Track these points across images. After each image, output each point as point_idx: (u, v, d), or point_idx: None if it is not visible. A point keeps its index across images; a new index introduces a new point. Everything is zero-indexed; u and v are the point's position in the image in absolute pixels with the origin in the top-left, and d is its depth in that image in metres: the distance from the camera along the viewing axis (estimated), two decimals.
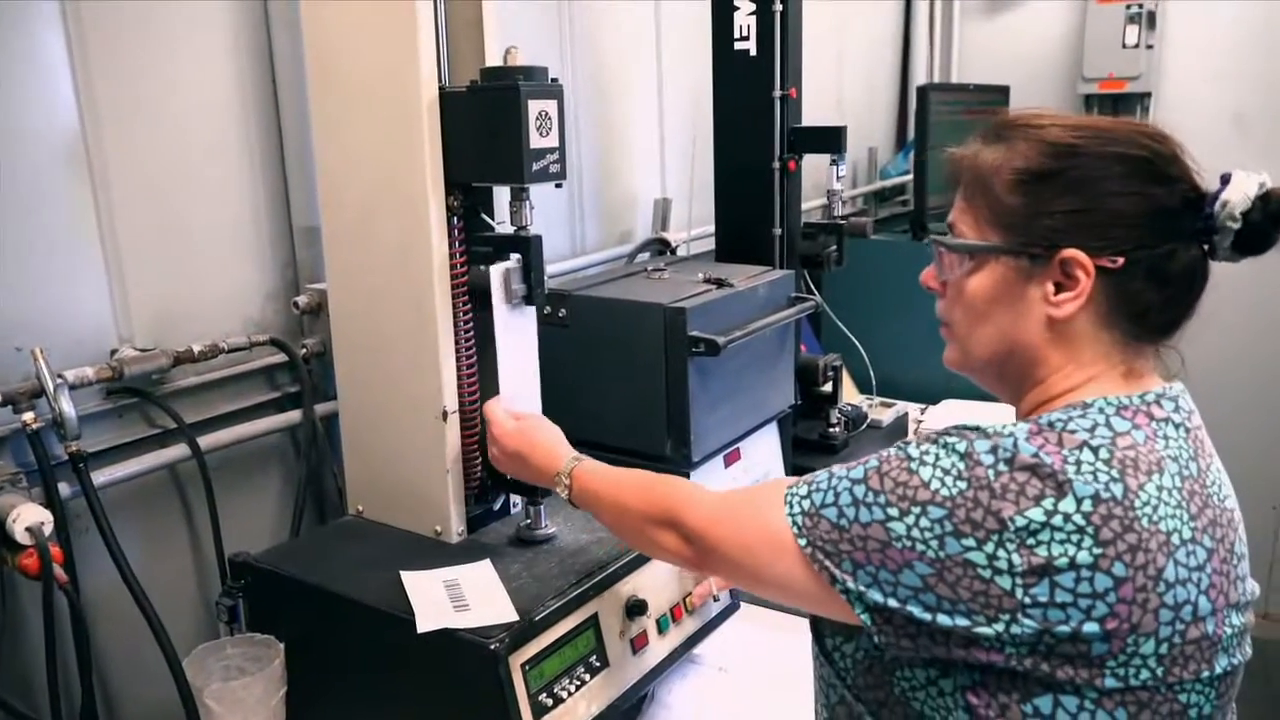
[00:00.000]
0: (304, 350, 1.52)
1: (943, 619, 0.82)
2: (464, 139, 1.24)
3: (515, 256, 1.26)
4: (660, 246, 2.28)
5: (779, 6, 2.01)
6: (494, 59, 1.30)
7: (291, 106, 1.50)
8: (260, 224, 1.52)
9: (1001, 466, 0.81)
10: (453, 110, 1.23)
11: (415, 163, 1.24)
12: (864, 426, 2.31)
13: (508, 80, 1.18)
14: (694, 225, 2.34)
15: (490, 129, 1.21)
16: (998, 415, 2.76)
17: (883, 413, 2.44)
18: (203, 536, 1.46)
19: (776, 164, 2.09)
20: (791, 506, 0.91)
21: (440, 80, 1.24)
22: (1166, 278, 0.87)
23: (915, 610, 0.83)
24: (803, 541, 0.89)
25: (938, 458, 0.84)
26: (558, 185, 1.26)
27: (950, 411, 2.63)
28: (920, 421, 2.58)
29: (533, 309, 1.28)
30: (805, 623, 1.63)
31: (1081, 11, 3.44)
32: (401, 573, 1.25)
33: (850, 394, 2.50)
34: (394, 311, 1.31)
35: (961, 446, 0.84)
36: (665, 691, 1.47)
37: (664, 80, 2.38)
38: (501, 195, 1.35)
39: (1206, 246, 0.88)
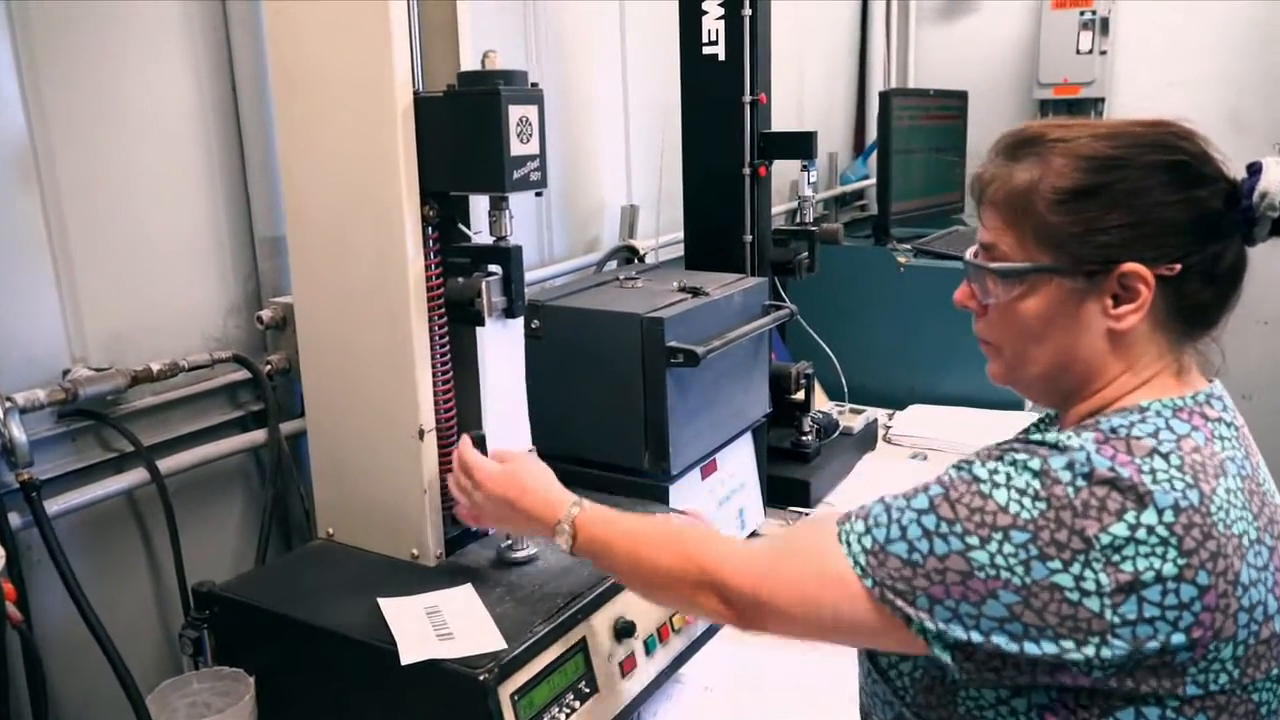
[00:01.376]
0: (268, 367, 1.45)
1: (1030, 647, 0.79)
2: (440, 146, 1.19)
3: (494, 268, 1.22)
4: (628, 254, 2.25)
5: (748, 10, 1.98)
6: (469, 63, 1.25)
7: (253, 112, 1.43)
8: (221, 235, 1.45)
9: (1080, 482, 0.79)
10: (428, 116, 1.18)
11: (389, 171, 1.19)
12: (836, 434, 2.29)
13: (487, 85, 1.13)
14: (662, 232, 2.30)
15: (469, 135, 1.16)
16: (966, 420, 2.74)
17: (853, 419, 2.43)
18: (163, 566, 1.39)
19: (747, 170, 2.06)
20: (850, 546, 0.86)
21: (414, 85, 1.19)
22: (1217, 275, 0.87)
23: (1001, 641, 0.80)
24: (869, 582, 0.84)
25: (1009, 477, 0.82)
26: (538, 194, 1.22)
27: (918, 416, 2.63)
28: (889, 427, 2.57)
29: (517, 322, 1.23)
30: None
31: (1036, 17, 3.48)
32: (379, 600, 1.19)
33: (819, 401, 2.49)
34: (367, 326, 1.26)
35: (1035, 464, 0.81)
36: (650, 714, 1.43)
37: (630, 86, 2.35)
38: (478, 204, 1.31)
39: (1242, 236, 0.87)
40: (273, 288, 1.49)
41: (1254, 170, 0.85)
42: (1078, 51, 3.32)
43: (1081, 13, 3.32)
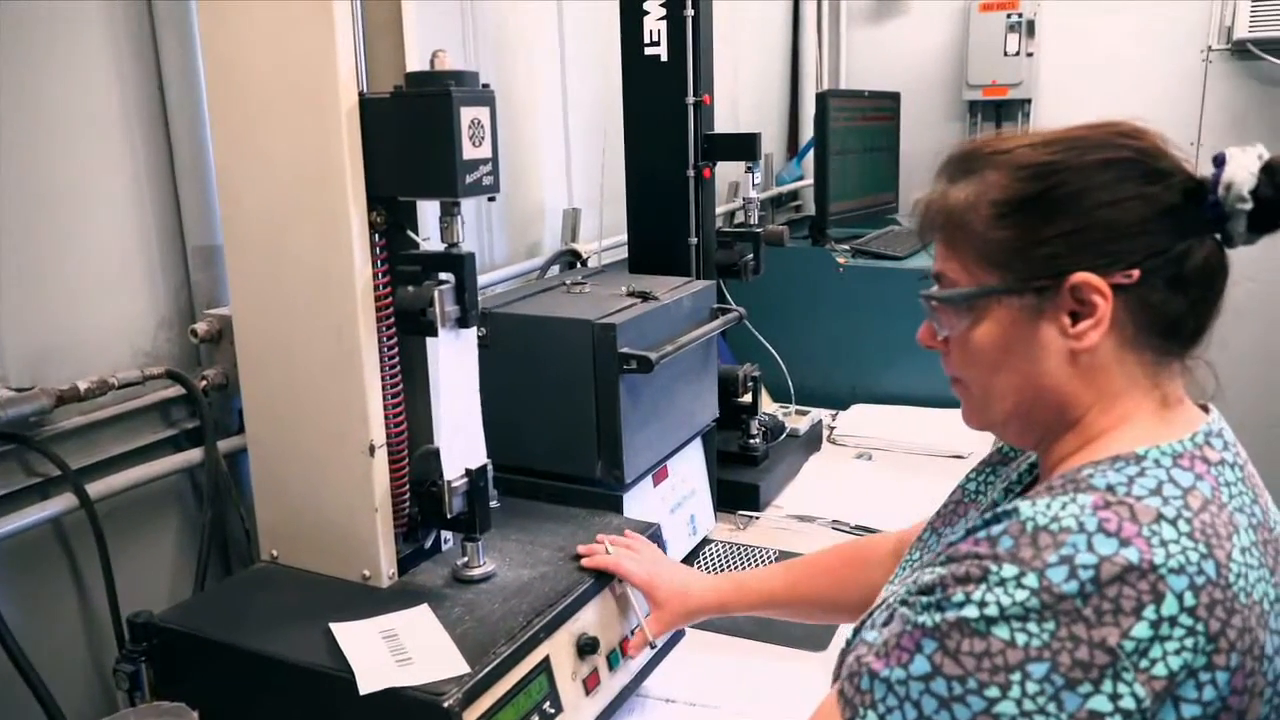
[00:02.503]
0: (204, 382, 1.38)
1: None
2: (388, 150, 1.14)
3: (445, 276, 1.17)
4: (571, 258, 2.21)
5: (690, 11, 1.96)
6: (416, 63, 1.20)
7: (182, 114, 1.36)
8: (150, 244, 1.37)
9: (1089, 589, 0.70)
10: (375, 118, 1.13)
11: (334, 176, 1.13)
12: (783, 436, 2.28)
13: (438, 86, 1.09)
14: (604, 235, 2.27)
15: (418, 139, 1.11)
16: (908, 419, 2.76)
17: (799, 421, 2.43)
18: (94, 596, 1.31)
19: (691, 172, 2.04)
20: None
21: (359, 86, 1.14)
22: (1187, 280, 0.80)
23: None
24: None
25: (1002, 606, 0.72)
26: (491, 199, 1.17)
27: (861, 416, 2.64)
28: (833, 428, 2.57)
29: (471, 332, 1.18)
30: (747, 644, 1.59)
31: (965, 20, 3.53)
32: (331, 625, 1.13)
33: (764, 403, 2.48)
34: (311, 338, 1.20)
35: (1030, 580, 0.71)
36: None
37: (569, 87, 2.31)
38: (425, 210, 1.26)
39: (1219, 235, 0.81)
40: (207, 299, 1.42)
41: (1218, 162, 0.80)
42: (1005, 54, 3.38)
43: (1008, 15, 3.37)
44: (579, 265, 2.21)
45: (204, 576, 1.38)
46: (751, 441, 2.17)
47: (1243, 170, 0.78)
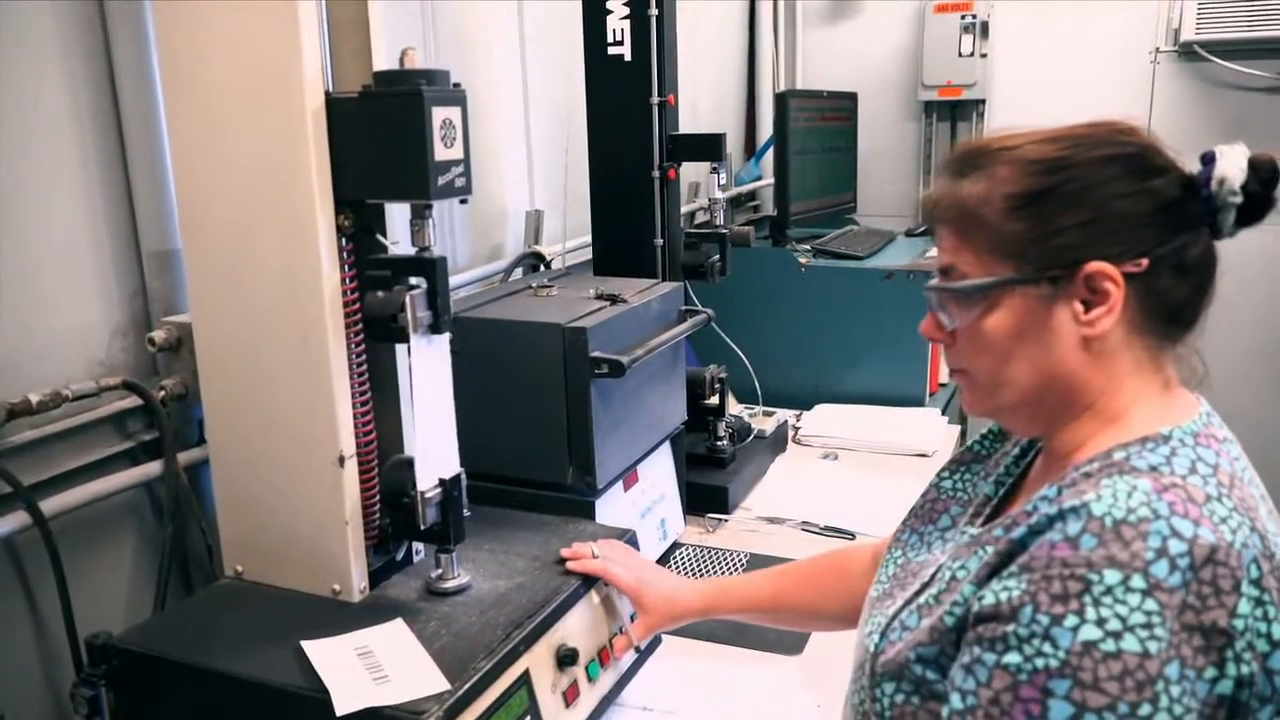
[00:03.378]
0: (162, 393, 1.33)
1: None
2: (356, 151, 1.10)
3: (415, 281, 1.14)
4: (535, 261, 2.18)
5: (654, 10, 1.94)
6: (383, 62, 1.17)
7: (136, 116, 1.31)
8: (103, 250, 1.32)
9: (1188, 575, 0.71)
10: (342, 119, 1.10)
11: (299, 179, 1.09)
12: (751, 438, 2.27)
13: (408, 85, 1.05)
14: (567, 237, 2.24)
15: (389, 139, 1.08)
16: (872, 418, 2.76)
17: (765, 422, 2.42)
18: (49, 617, 1.25)
19: (656, 173, 2.02)
20: None
21: (325, 85, 1.10)
22: (1188, 269, 0.85)
23: None
24: None
25: (1121, 616, 0.70)
26: (463, 201, 1.15)
27: (825, 416, 2.64)
28: (798, 428, 2.57)
29: (443, 338, 1.15)
30: (722, 649, 1.57)
31: (919, 20, 3.55)
32: (303, 643, 1.09)
33: (729, 405, 2.47)
34: (277, 346, 1.16)
35: (1137, 582, 0.71)
36: None
37: (530, 87, 2.28)
38: (393, 213, 1.22)
39: (1208, 228, 0.85)
40: (164, 306, 1.36)
41: (1207, 160, 0.84)
42: (960, 54, 3.40)
43: (962, 16, 3.40)
44: (543, 268, 2.18)
45: (165, 595, 1.33)
46: (719, 444, 2.16)
47: (1234, 166, 0.83)
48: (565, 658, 1.20)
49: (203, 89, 1.12)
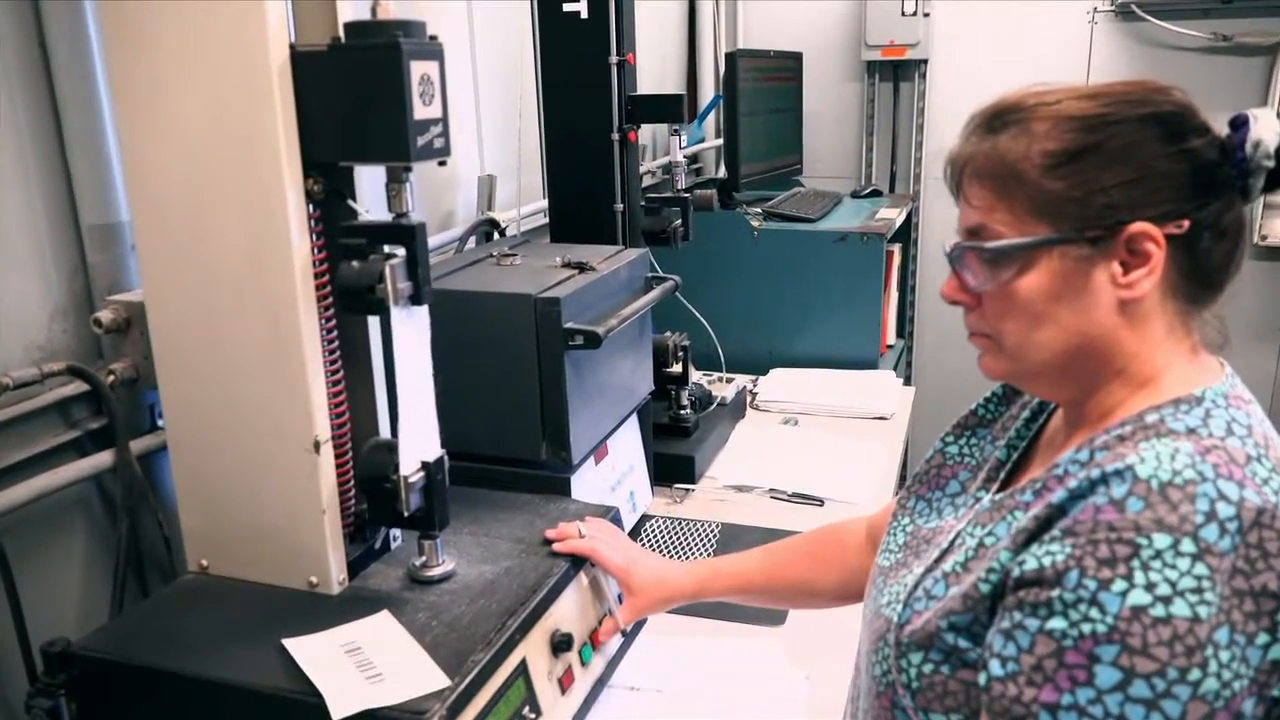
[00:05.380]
0: (111, 377, 1.23)
1: None
2: (326, 110, 1.01)
3: (389, 249, 1.06)
4: (489, 228, 2.09)
5: None
6: (349, 13, 1.07)
7: (72, 78, 1.19)
8: (37, 225, 1.21)
9: (1236, 540, 0.70)
10: (310, 74, 1.01)
11: (264, 141, 1.00)
12: (714, 405, 2.23)
13: (385, 37, 0.97)
14: (520, 203, 2.16)
15: (362, 97, 0.99)
16: (827, 381, 2.75)
17: (724, 388, 2.38)
18: None
19: (616, 135, 1.95)
20: None
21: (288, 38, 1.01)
22: (1225, 231, 0.82)
23: None
24: None
25: (1171, 581, 0.69)
26: (441, 163, 1.07)
27: (781, 381, 2.62)
28: (755, 394, 2.54)
29: (423, 310, 1.08)
30: (705, 623, 1.53)
31: None
32: (285, 641, 1.02)
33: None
34: (242, 324, 1.07)
35: (1187, 546, 0.69)
36: None
37: (477, 47, 2.18)
38: (360, 177, 1.14)
39: (1239, 191, 0.83)
40: (107, 284, 1.26)
41: (1239, 123, 0.82)
42: (903, 14, 3.38)
43: None
44: (496, 235, 2.10)
45: (122, 595, 1.24)
46: (683, 412, 2.12)
47: (1269, 130, 0.80)
48: (560, 643, 1.15)
49: (150, 48, 1.02)
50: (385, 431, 1.21)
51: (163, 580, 1.32)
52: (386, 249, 1.05)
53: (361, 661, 1.00)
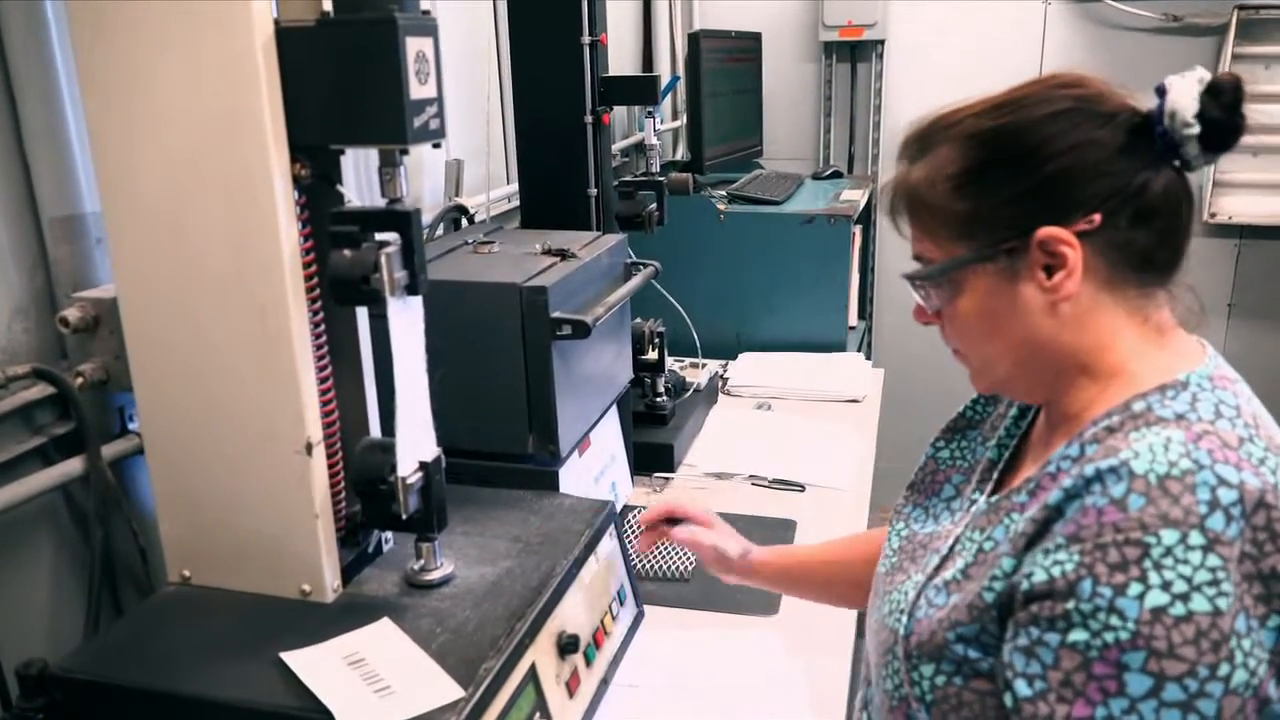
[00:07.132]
0: (80, 380, 1.15)
1: None
2: (314, 89, 0.95)
3: (383, 237, 1.00)
4: (458, 214, 2.03)
5: None
6: None
7: (27, 63, 1.10)
8: None
9: (1241, 524, 0.69)
10: (296, 52, 0.94)
11: (248, 123, 0.94)
12: (690, 392, 2.20)
13: (379, 11, 0.91)
14: (487, 188, 2.10)
15: (354, 76, 0.93)
16: (797, 365, 2.73)
17: (697, 374, 2.35)
18: None
19: (589, 118, 1.89)
20: None
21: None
22: (1150, 212, 0.81)
23: None
24: None
25: (1186, 578, 0.67)
26: (436, 145, 1.01)
27: (751, 366, 2.59)
28: (726, 379, 2.51)
29: (418, 300, 1.02)
30: (697, 615, 1.50)
31: None
32: (283, 654, 0.97)
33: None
34: (225, 319, 1.01)
35: (1195, 538, 0.68)
36: None
37: (441, 28, 2.10)
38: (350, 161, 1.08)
39: (1177, 163, 0.81)
40: (72, 280, 1.18)
41: (1162, 91, 0.80)
42: None
43: None
44: (467, 222, 2.04)
45: (98, 611, 1.17)
46: (659, 400, 2.08)
47: (1184, 96, 0.79)
48: (567, 645, 1.11)
49: (123, 28, 0.95)
50: (375, 430, 1.16)
51: (138, 594, 1.25)
52: (379, 237, 0.99)
53: (367, 673, 0.95)
